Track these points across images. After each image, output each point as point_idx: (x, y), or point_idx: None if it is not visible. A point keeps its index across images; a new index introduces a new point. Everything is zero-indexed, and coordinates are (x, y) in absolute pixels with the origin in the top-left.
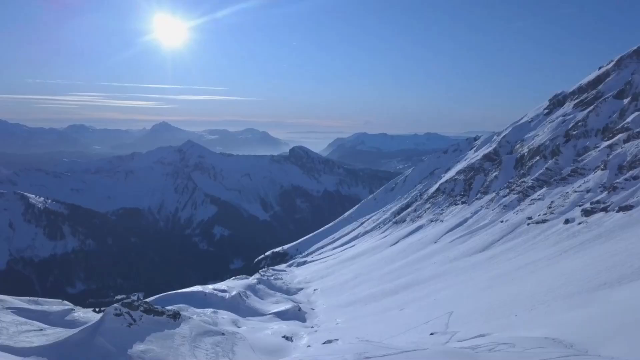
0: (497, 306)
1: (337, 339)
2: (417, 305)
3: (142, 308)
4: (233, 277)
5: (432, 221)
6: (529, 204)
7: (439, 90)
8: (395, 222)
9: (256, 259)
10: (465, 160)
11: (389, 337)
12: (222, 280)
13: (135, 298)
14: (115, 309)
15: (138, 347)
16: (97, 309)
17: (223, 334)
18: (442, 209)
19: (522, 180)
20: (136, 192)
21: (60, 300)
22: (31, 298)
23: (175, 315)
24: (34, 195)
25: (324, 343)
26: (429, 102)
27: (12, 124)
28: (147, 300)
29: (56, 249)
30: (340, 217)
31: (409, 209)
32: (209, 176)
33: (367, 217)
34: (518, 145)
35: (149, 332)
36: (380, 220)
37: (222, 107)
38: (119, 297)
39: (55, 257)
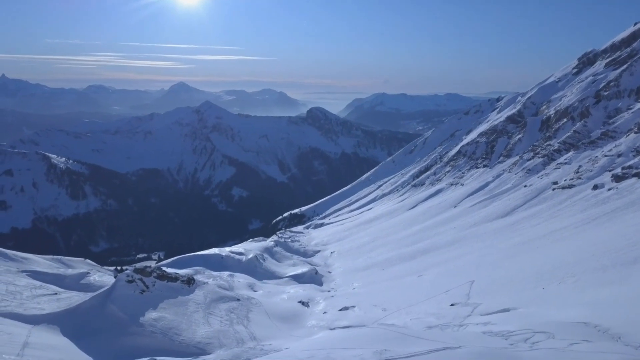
0: (521, 277)
1: (353, 306)
2: (436, 272)
3: (155, 274)
4: (250, 239)
5: (452, 185)
6: (554, 168)
7: (461, 49)
8: (414, 186)
9: (274, 220)
10: (487, 122)
11: (408, 305)
12: (241, 240)
13: (155, 257)
14: (127, 276)
15: (150, 315)
16: (118, 268)
17: (238, 299)
18: (462, 173)
19: (547, 143)
20: (155, 152)
21: (82, 259)
22: (55, 257)
23: (190, 281)
24: (55, 156)
25: (340, 310)
26: (449, 62)
27: (33, 85)
28: (165, 262)
29: (79, 209)
30: (357, 180)
31: (428, 172)
32: (227, 137)
33: (385, 179)
34: (544, 107)
35: (162, 298)
36: (398, 183)
37: (239, 67)
38: (140, 255)
39: (78, 216)
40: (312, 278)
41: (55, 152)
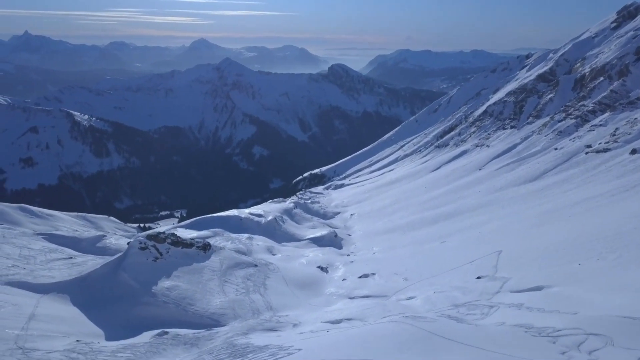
0: (553, 249)
1: (373, 274)
2: (460, 239)
3: (169, 240)
4: (270, 200)
5: (477, 146)
6: (588, 130)
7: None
8: (438, 146)
9: (294, 180)
10: (515, 80)
11: (430, 275)
12: (262, 199)
13: (178, 215)
14: (140, 242)
15: (163, 284)
16: (141, 225)
17: (255, 265)
18: (488, 134)
19: (581, 103)
20: (176, 110)
21: (106, 216)
22: (79, 214)
23: (205, 247)
24: (78, 113)
25: (360, 277)
26: (476, 17)
27: (56, 41)
28: (184, 223)
29: (103, 166)
30: (379, 140)
31: (452, 133)
32: (247, 95)
33: (408, 139)
34: (578, 64)
35: (176, 266)
36: (421, 143)
37: (260, 23)
38: (163, 213)
39: (102, 173)
40: (332, 241)
41: (78, 110)
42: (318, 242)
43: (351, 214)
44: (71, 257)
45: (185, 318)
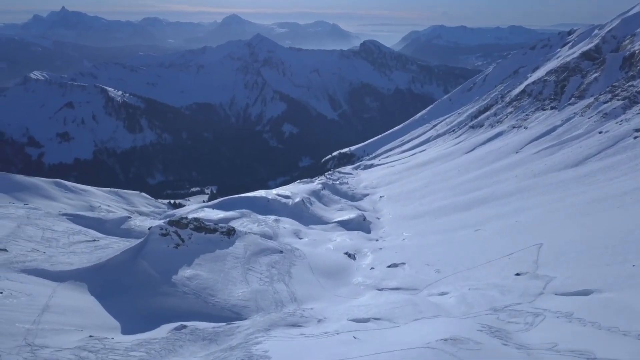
0: (599, 244)
1: (403, 263)
2: (495, 227)
3: (192, 226)
4: (298, 181)
5: (514, 127)
6: (637, 113)
7: None
8: (472, 127)
9: (323, 159)
10: (557, 58)
11: (464, 268)
12: (291, 177)
13: (208, 192)
14: (161, 229)
15: (184, 273)
16: (171, 201)
17: (281, 251)
18: (526, 114)
19: (630, 83)
20: (208, 87)
21: (138, 192)
22: (112, 189)
23: (230, 232)
24: (112, 89)
25: (389, 266)
26: None
27: (91, 17)
28: (212, 203)
29: (136, 142)
30: (411, 119)
31: (487, 113)
32: (278, 72)
33: (441, 119)
34: (627, 42)
35: (198, 253)
36: (454, 123)
37: None
38: (193, 189)
39: (135, 149)
40: (360, 224)
41: (112, 86)
42: (346, 225)
43: (380, 196)
44: (94, 240)
45: (205, 310)
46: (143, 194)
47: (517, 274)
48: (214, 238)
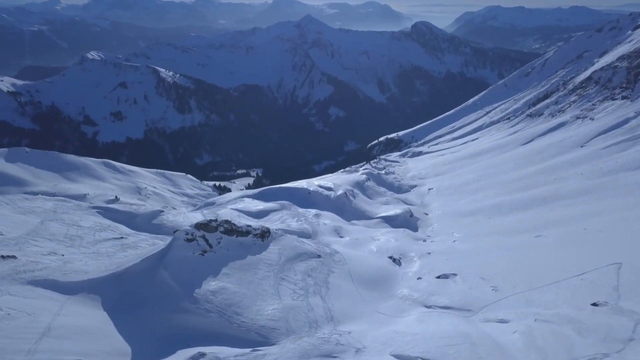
0: None
1: (455, 274)
2: (559, 234)
3: (222, 228)
4: (342, 170)
5: (578, 118)
6: None
7: None
8: (530, 115)
9: (369, 145)
10: (629, 42)
11: (527, 287)
12: (336, 161)
13: (254, 174)
14: (187, 233)
15: (209, 285)
16: (217, 184)
17: (319, 256)
18: (593, 104)
19: None
20: (256, 68)
21: (184, 174)
22: (159, 171)
23: (264, 234)
24: (164, 70)
25: (438, 277)
26: None
27: None
28: (252, 193)
29: (185, 122)
30: (463, 104)
31: (547, 100)
32: (327, 54)
33: (495, 105)
34: None
35: (226, 261)
36: (510, 110)
37: None
38: (240, 171)
39: (184, 129)
40: (406, 221)
41: (164, 66)
42: (391, 221)
43: (429, 189)
44: (122, 237)
45: (229, 331)
46: (189, 175)
47: (594, 304)
48: (246, 242)
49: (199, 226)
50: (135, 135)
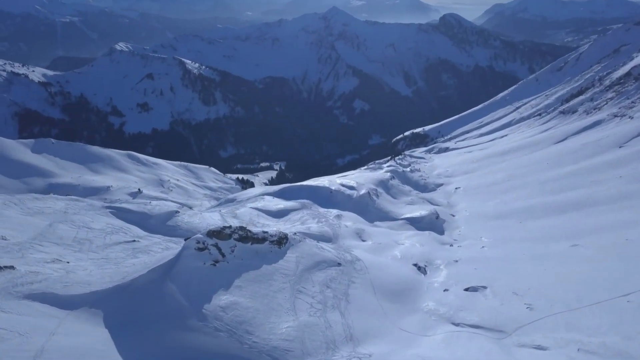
0: None
1: (484, 287)
2: (598, 244)
3: (236, 235)
4: (365, 166)
5: (615, 116)
6: None
7: None
8: (563, 112)
9: (394, 139)
10: None
11: (565, 308)
12: (360, 155)
13: (277, 168)
14: (198, 242)
15: (219, 300)
16: (239, 177)
17: (339, 264)
18: (632, 102)
19: None
20: (281, 60)
21: (207, 166)
22: (182, 163)
23: (281, 241)
24: (190, 61)
25: (466, 289)
26: None
27: None
28: (272, 191)
29: (210, 114)
30: (491, 99)
31: (582, 97)
32: (352, 46)
33: (525, 100)
34: None
35: (239, 271)
36: (541, 106)
37: None
38: (263, 164)
39: (209, 121)
40: (432, 224)
41: (190, 58)
42: (416, 223)
43: (456, 188)
44: (134, 240)
45: (239, 353)
46: (212, 168)
47: None
48: (261, 249)
49: (211, 234)
50: (160, 127)
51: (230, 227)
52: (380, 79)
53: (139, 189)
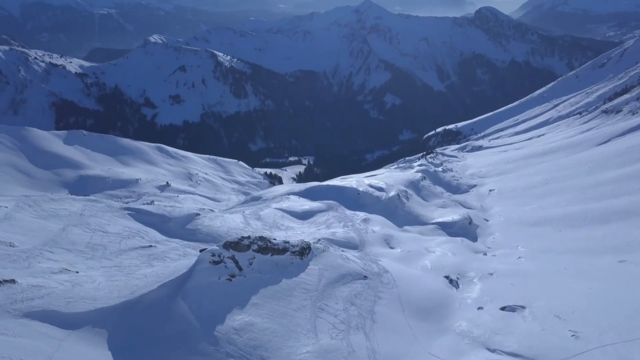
0: None
1: (523, 307)
2: None
3: (255, 246)
4: (395, 166)
5: None
6: None
7: None
8: (605, 112)
9: (426, 135)
10: None
11: (618, 338)
12: (390, 151)
13: (305, 162)
14: (213, 254)
15: (233, 321)
16: (267, 172)
17: (365, 277)
18: None
19: None
20: (313, 54)
21: (236, 160)
22: (211, 157)
23: (303, 251)
24: (222, 54)
25: (502, 308)
26: None
27: None
28: (298, 190)
29: (240, 107)
30: (528, 95)
31: (627, 95)
32: (385, 39)
33: (564, 98)
34: None
35: (257, 287)
36: (581, 104)
37: None
38: (292, 158)
39: (239, 114)
40: (465, 229)
41: (222, 50)
42: (447, 228)
43: (490, 190)
44: (150, 245)
45: None
46: (241, 162)
47: None
48: (282, 261)
49: (228, 245)
50: (192, 119)
51: (248, 237)
52: (412, 74)
53: (167, 182)
